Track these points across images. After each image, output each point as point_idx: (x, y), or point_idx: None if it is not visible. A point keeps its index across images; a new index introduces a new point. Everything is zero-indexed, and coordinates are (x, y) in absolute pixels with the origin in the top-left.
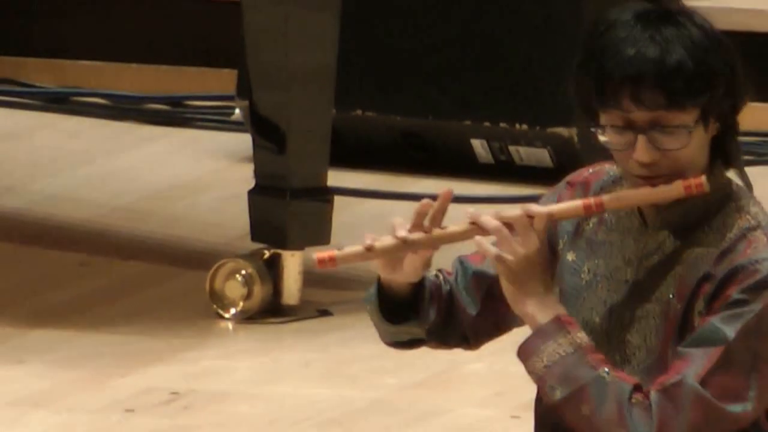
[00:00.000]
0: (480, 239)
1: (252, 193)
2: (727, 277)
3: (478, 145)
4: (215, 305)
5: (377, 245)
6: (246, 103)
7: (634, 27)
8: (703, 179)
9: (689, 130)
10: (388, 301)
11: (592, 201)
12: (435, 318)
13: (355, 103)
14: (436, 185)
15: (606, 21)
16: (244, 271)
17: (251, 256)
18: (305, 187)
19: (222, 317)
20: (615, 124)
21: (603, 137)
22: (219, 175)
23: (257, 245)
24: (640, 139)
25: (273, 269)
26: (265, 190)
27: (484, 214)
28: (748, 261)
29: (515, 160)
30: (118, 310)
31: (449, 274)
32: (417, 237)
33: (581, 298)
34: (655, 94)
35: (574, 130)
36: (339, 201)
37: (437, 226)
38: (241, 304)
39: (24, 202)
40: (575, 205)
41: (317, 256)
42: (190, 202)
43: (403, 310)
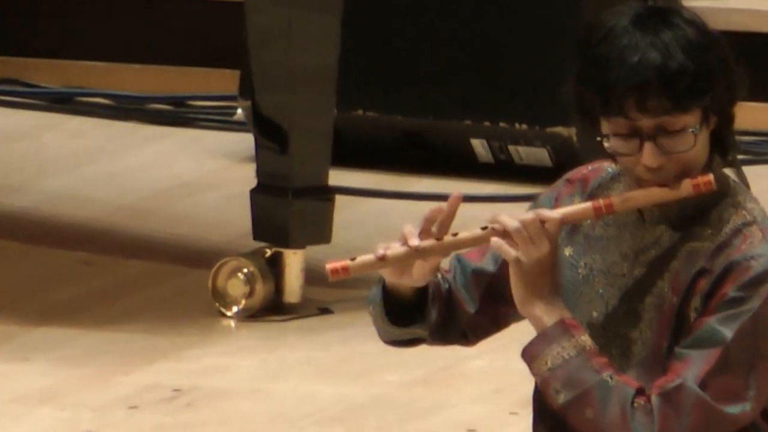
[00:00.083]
0: (498, 241)
1: (254, 192)
2: (722, 273)
3: (478, 145)
4: (218, 303)
5: (389, 254)
6: (248, 103)
7: (633, 33)
8: (711, 177)
9: (695, 132)
10: (393, 304)
11: (602, 203)
12: (436, 317)
13: (356, 103)
14: (436, 184)
15: (603, 27)
16: (246, 270)
17: (253, 255)
18: (307, 186)
19: (224, 315)
20: (620, 132)
21: (608, 145)
22: (221, 175)
23: (259, 244)
24: (648, 146)
25: (275, 268)
26: (267, 189)
27: (503, 215)
28: (743, 257)
29: (515, 159)
30: (121, 308)
31: (446, 272)
32: (429, 245)
33: (578, 292)
34: (660, 100)
35: (573, 130)
36: (340, 200)
37: (446, 231)
38: (243, 302)
39: (29, 202)
40: (585, 207)
41: (330, 267)
42: (193, 201)
43: (408, 312)
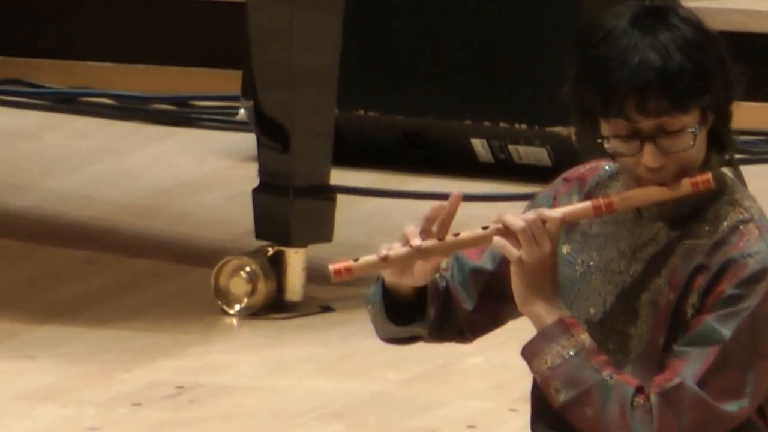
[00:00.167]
0: (501, 240)
1: (256, 191)
2: (719, 270)
3: (478, 144)
4: (220, 301)
5: (392, 254)
6: (251, 103)
7: (632, 34)
8: (709, 176)
9: (694, 131)
10: (392, 302)
11: (602, 202)
12: (434, 315)
13: (357, 103)
14: (436, 184)
15: (602, 28)
16: (248, 268)
17: (255, 254)
18: (308, 185)
19: (227, 313)
20: (620, 134)
21: (608, 145)
22: (224, 174)
23: (261, 242)
24: (648, 147)
25: (277, 266)
26: (269, 189)
27: (507, 214)
28: (740, 254)
29: (514, 158)
30: (124, 306)
31: (444, 270)
32: (431, 245)
33: (576, 289)
34: (659, 101)
35: (573, 130)
36: (341, 199)
37: (447, 231)
38: (246, 300)
39: (32, 201)
40: (585, 207)
41: (333, 268)
42: (196, 200)
43: (408, 311)
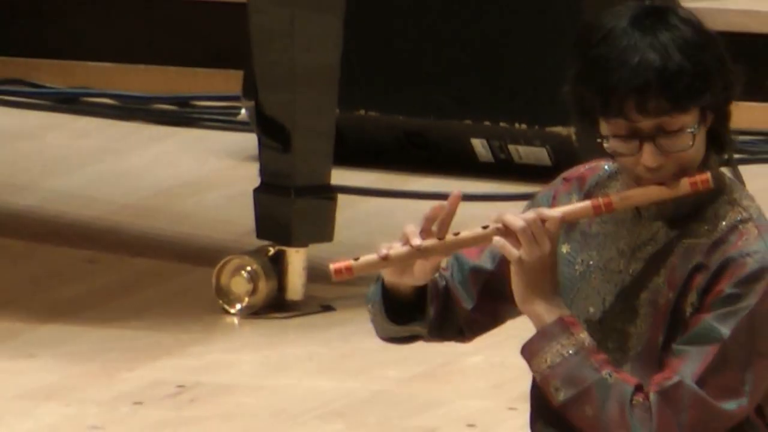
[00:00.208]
0: (501, 240)
1: (257, 191)
2: (718, 269)
3: (479, 144)
4: (221, 301)
5: (392, 254)
6: (252, 103)
7: (632, 34)
8: (708, 176)
9: (693, 131)
10: (392, 302)
11: (601, 201)
12: (433, 314)
13: (358, 103)
14: (437, 183)
15: (602, 28)
16: (249, 268)
17: (256, 253)
18: (309, 185)
19: (228, 312)
20: (619, 133)
21: (607, 145)
22: (225, 174)
23: (262, 242)
24: (647, 147)
25: (278, 266)
26: (270, 188)
27: (508, 214)
28: (739, 253)
29: (514, 158)
30: (126, 305)
31: (444, 269)
32: (431, 244)
33: (575, 288)
34: (659, 101)
35: (572, 129)
36: (342, 199)
37: (447, 230)
38: (247, 299)
39: (34, 201)
40: (585, 206)
41: (333, 267)
42: (197, 200)
43: (407, 310)
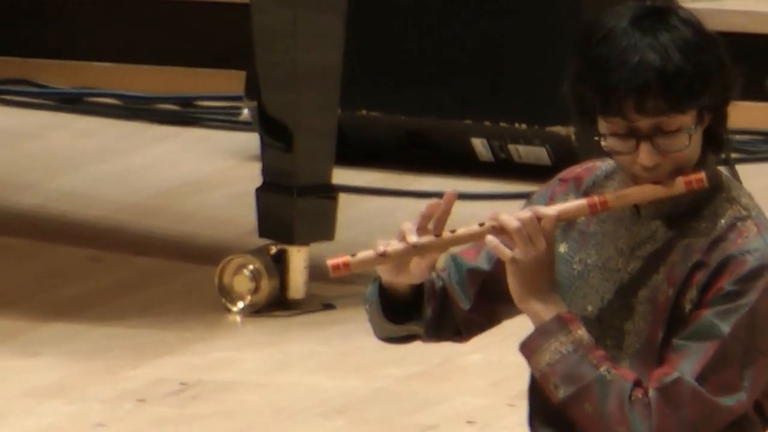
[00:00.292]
0: (494, 240)
1: (259, 190)
2: (718, 267)
3: (479, 144)
4: (224, 299)
5: (389, 250)
6: (254, 103)
7: (632, 35)
8: (703, 175)
9: (690, 132)
10: (390, 301)
11: (597, 200)
12: (431, 314)
13: (359, 103)
14: (438, 183)
15: (602, 28)
16: (251, 266)
17: (259, 252)
18: (311, 184)
19: (230, 311)
20: (617, 132)
21: (605, 143)
22: (228, 173)
23: (264, 241)
24: (644, 146)
25: (279, 264)
26: (273, 188)
27: (503, 214)
28: (739, 251)
29: (514, 158)
30: (129, 303)
31: (442, 270)
32: (427, 241)
33: (573, 287)
34: (657, 101)
35: (572, 129)
36: (344, 198)
37: (443, 228)
38: (249, 298)
39: (38, 200)
40: (580, 204)
41: (331, 263)
42: (200, 200)
43: (404, 310)
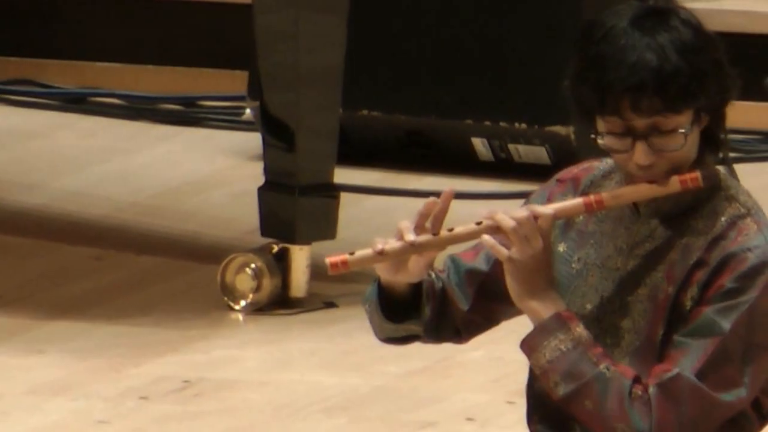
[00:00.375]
0: (490, 240)
1: (262, 189)
2: (719, 264)
3: (479, 144)
4: (226, 297)
5: (387, 249)
6: (257, 103)
7: (631, 34)
8: (698, 174)
9: (686, 132)
10: (389, 301)
11: (593, 199)
12: (430, 315)
13: (361, 102)
14: (438, 182)
15: (602, 27)
16: (253, 265)
17: (261, 251)
18: (313, 183)
19: (232, 309)
20: (614, 131)
21: (602, 141)
22: (230, 173)
23: (266, 240)
24: (639, 145)
25: (281, 263)
26: (275, 187)
27: (499, 212)
28: (740, 248)
29: (514, 157)
30: (132, 302)
31: (440, 271)
32: (425, 239)
33: (572, 286)
34: (653, 101)
35: (571, 129)
36: (345, 197)
37: (440, 226)
38: (251, 296)
39: (42, 199)
40: (576, 203)
41: (329, 261)
42: (203, 199)
43: (403, 309)
